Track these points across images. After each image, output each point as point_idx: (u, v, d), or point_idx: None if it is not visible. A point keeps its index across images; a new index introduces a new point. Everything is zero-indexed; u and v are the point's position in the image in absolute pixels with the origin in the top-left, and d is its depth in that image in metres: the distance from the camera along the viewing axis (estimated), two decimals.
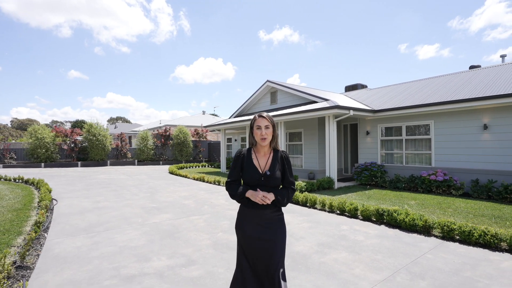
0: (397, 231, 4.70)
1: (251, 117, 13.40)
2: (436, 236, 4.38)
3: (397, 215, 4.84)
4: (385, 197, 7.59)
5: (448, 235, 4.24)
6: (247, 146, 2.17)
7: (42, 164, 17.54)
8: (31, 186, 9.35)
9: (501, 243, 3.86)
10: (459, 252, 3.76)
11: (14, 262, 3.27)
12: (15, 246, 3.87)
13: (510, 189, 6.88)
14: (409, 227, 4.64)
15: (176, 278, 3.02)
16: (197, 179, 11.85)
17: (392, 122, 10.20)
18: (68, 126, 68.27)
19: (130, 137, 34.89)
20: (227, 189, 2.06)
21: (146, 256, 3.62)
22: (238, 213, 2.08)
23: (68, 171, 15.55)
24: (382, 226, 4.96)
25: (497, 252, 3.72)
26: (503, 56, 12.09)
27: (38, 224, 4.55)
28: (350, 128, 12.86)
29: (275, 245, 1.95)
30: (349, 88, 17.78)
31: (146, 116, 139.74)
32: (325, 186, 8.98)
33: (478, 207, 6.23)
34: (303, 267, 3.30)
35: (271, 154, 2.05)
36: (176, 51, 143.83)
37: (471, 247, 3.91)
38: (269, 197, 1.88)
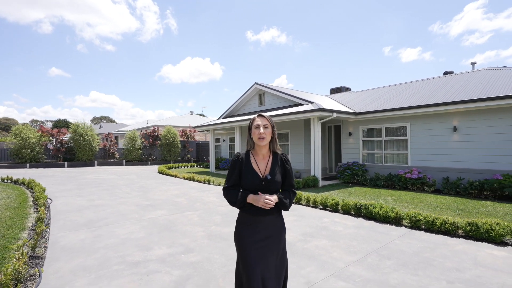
0: (372, 222, 5.25)
1: (240, 118, 13.86)
2: (405, 226, 4.95)
3: (373, 208, 5.41)
4: (365, 194, 8.19)
5: (415, 224, 4.83)
6: (239, 148, 2.44)
7: (27, 164, 17.30)
8: (21, 186, 9.41)
9: (458, 230, 4.47)
10: (423, 238, 4.33)
11: (27, 253, 3.57)
12: (21, 240, 4.14)
13: (475, 186, 7.63)
14: (383, 219, 5.21)
15: (177, 263, 3.42)
16: (187, 179, 12.16)
17: (372, 124, 10.88)
18: (49, 125, 66.37)
19: (116, 137, 34.53)
20: (225, 196, 1.95)
21: (147, 246, 3.99)
22: (238, 220, 1.95)
23: (55, 171, 15.46)
24: (360, 219, 5.51)
25: (454, 238, 4.32)
26: (473, 64, 13.05)
27: (40, 220, 4.81)
28: (334, 129, 13.50)
29: (280, 252, 1.90)
30: (334, 91, 18.51)
31: (132, 115, 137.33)
32: (310, 184, 9.52)
33: (446, 202, 6.92)
34: (288, 252, 3.76)
35: (271, 157, 1.97)
36: (162, 50, 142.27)
37: (433, 234, 4.51)
38: (272, 199, 1.80)
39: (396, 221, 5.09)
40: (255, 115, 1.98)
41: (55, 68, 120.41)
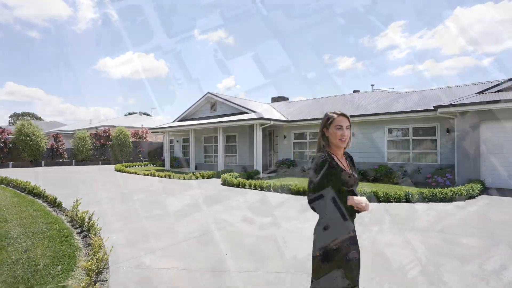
0: (290, 195, 8.21)
1: (194, 122, 16.10)
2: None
3: (290, 186, 8.39)
4: (292, 181, 11.30)
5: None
6: (193, 148, 4.33)
7: None
8: None
9: None
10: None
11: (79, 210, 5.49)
12: (53, 212, 5.94)
13: (361, 173, 11.32)
14: (295, 192, 8.21)
15: (173, 215, 5.76)
16: (148, 175, 13.91)
17: (300, 129, 14.22)
18: None
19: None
20: (315, 200, 1.69)
21: (147, 210, 6.20)
22: (325, 231, 1.73)
23: (5, 171, 15.46)
24: (283, 194, 8.43)
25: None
26: (372, 85, 17.56)
27: (55, 201, 6.55)
28: (273, 132, 16.63)
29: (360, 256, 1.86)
30: (275, 99, 21.85)
31: (60, 112, 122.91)
32: (253, 176, 12.33)
33: None
34: (238, 209, 6.39)
35: (344, 156, 1.92)
36: (100, 42, 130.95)
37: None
38: (368, 202, 1.73)
39: (304, 193, 8.13)
40: (335, 115, 1.83)
41: None
